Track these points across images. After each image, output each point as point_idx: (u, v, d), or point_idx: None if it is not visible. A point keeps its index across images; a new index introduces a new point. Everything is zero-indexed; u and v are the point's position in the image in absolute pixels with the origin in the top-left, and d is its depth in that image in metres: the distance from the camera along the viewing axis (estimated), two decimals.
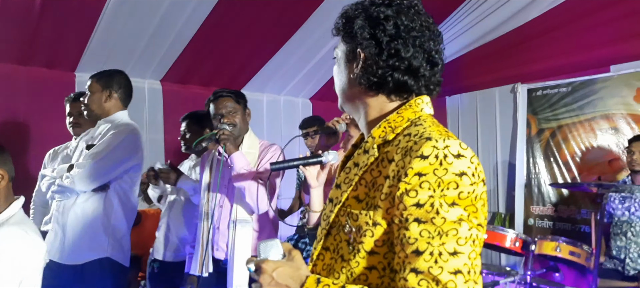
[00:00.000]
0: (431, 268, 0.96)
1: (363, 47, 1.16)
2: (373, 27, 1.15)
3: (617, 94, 4.25)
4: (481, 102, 5.30)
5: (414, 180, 1.00)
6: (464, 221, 0.98)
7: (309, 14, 4.02)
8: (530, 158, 4.87)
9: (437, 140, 1.02)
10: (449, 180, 0.99)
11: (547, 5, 3.98)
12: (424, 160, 1.01)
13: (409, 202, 1.00)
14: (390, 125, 1.14)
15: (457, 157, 1.01)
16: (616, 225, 3.59)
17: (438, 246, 0.96)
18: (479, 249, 1.00)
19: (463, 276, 0.95)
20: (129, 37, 3.86)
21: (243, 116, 2.78)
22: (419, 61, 1.14)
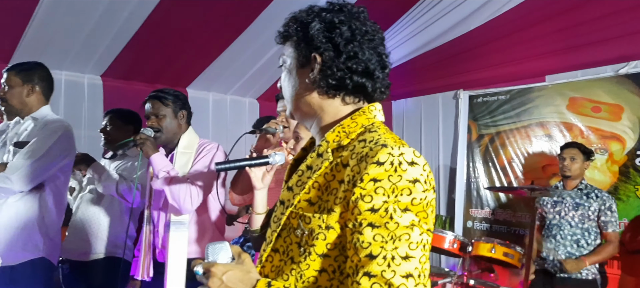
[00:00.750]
0: (384, 271, 0.99)
1: (321, 51, 1.17)
2: (329, 30, 1.17)
3: (551, 102, 4.46)
4: (425, 107, 5.43)
5: (369, 186, 1.03)
6: (415, 226, 1.01)
7: (258, 13, 4.00)
8: (470, 162, 5.04)
9: (393, 148, 1.05)
10: (403, 186, 1.02)
11: (488, 16, 4.14)
12: (379, 167, 1.03)
13: (363, 206, 1.03)
14: (345, 130, 1.16)
15: (411, 164, 1.04)
16: (547, 228, 3.76)
17: (391, 250, 0.99)
18: (428, 253, 1.04)
19: (414, 279, 0.99)
20: (68, 29, 3.72)
21: (174, 118, 2.74)
22: (374, 64, 1.18)
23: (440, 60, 4.73)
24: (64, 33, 3.75)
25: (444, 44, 4.52)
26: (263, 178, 2.00)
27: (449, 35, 4.44)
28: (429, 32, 4.49)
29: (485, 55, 4.58)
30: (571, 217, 3.63)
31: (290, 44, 1.22)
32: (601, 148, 4.10)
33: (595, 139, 4.15)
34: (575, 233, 3.59)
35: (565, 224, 3.64)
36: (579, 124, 4.27)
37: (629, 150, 3.95)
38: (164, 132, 2.72)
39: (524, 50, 4.34)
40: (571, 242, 3.60)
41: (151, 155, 2.59)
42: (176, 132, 2.76)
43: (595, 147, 4.08)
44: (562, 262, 3.50)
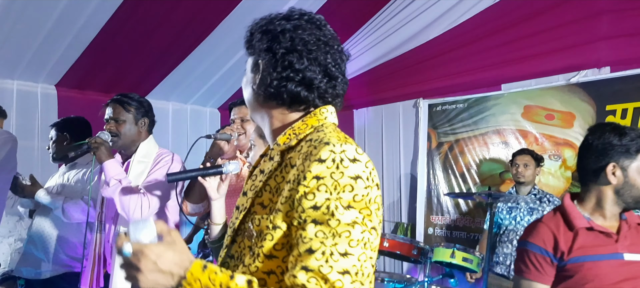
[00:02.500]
0: (321, 266, 0.98)
1: (261, 59, 1.20)
2: (270, 40, 1.18)
3: (507, 110, 4.58)
4: (386, 116, 5.49)
5: (312, 183, 1.03)
6: (357, 224, 1.02)
7: (218, 21, 3.97)
8: (430, 170, 5.11)
9: (335, 145, 1.06)
10: (345, 183, 1.03)
11: (446, 26, 4.24)
12: (321, 164, 1.04)
13: (306, 204, 1.03)
14: (295, 132, 1.18)
15: (353, 161, 1.05)
16: (504, 234, 3.84)
17: (330, 246, 1.00)
18: (370, 252, 1.03)
19: (350, 276, 0.99)
20: (20, 37, 3.60)
21: (134, 124, 2.66)
22: (314, 73, 1.17)
23: (399, 69, 4.80)
24: (16, 41, 3.63)
25: (403, 53, 4.60)
26: (218, 188, 1.98)
27: (408, 45, 4.52)
28: (389, 42, 4.56)
29: (444, 65, 4.67)
30: (526, 222, 3.72)
31: (246, 51, 1.26)
32: (555, 155, 4.23)
33: (549, 145, 4.28)
34: None
35: (520, 229, 3.73)
36: (534, 131, 4.40)
37: None
38: (122, 138, 2.62)
39: (481, 60, 4.45)
40: None
41: (104, 161, 2.48)
42: (135, 140, 2.66)
43: (549, 154, 4.21)
44: None
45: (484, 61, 4.44)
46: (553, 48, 4.08)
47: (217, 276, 1.00)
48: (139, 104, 2.71)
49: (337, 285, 0.97)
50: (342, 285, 0.98)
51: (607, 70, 4.03)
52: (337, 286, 0.97)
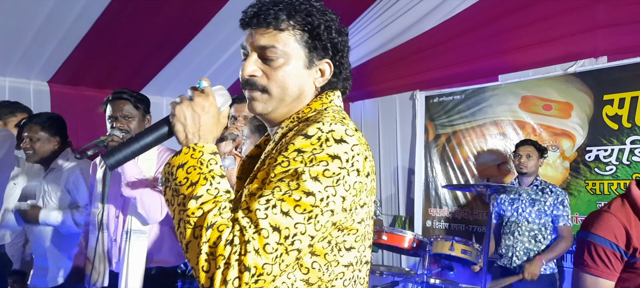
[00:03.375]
0: (258, 210, 0.97)
1: (335, 59, 1.20)
2: (342, 40, 1.21)
3: (504, 101, 4.56)
4: (382, 109, 5.47)
5: (292, 155, 1.02)
6: (312, 196, 1.00)
7: (213, 14, 3.92)
8: (428, 162, 5.09)
9: (324, 124, 1.05)
10: (321, 158, 1.02)
11: (442, 17, 4.20)
12: (306, 139, 1.03)
13: (278, 169, 1.02)
14: (299, 116, 1.17)
15: (339, 141, 1.04)
16: (505, 225, 3.82)
17: (277, 199, 0.98)
18: (311, 229, 1.00)
19: (279, 235, 0.97)
20: (11, 33, 3.55)
21: (141, 122, 2.64)
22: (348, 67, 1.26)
23: (396, 61, 4.76)
24: (7, 37, 3.58)
25: (399, 45, 4.56)
26: None
27: (404, 37, 4.48)
28: (384, 33, 4.51)
29: (440, 56, 4.64)
30: (528, 213, 3.70)
31: (295, 40, 1.16)
32: (553, 145, 4.22)
33: (546, 136, 4.26)
34: (532, 229, 3.67)
35: (522, 221, 3.71)
36: (531, 121, 4.38)
37: (579, 146, 4.07)
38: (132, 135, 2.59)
39: (477, 50, 4.42)
40: (529, 238, 3.67)
41: None
42: None
43: (547, 144, 4.19)
44: (524, 271, 3.52)
45: (481, 52, 4.41)
46: (550, 37, 4.05)
47: (204, 168, 1.05)
48: (145, 100, 2.72)
49: (263, 234, 0.96)
50: (267, 237, 0.96)
51: (605, 60, 4.01)
52: (262, 235, 0.95)
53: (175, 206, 1.03)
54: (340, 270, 1.10)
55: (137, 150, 1.14)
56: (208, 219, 0.98)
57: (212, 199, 1.01)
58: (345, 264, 1.11)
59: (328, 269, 1.09)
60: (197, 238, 0.97)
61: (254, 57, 1.17)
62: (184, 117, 1.10)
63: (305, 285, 1.07)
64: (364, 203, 1.11)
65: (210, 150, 1.08)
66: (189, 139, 1.10)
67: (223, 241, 0.95)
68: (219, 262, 0.94)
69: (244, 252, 0.94)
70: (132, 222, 2.56)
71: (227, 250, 0.94)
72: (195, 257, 0.97)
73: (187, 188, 1.02)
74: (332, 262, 1.09)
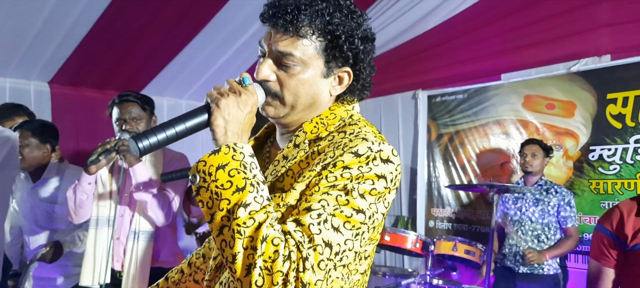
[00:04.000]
0: (312, 225, 0.95)
1: (355, 68, 1.15)
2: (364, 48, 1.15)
3: (507, 100, 4.53)
4: (384, 108, 5.44)
5: (339, 171, 1.01)
6: (362, 214, 0.99)
7: (213, 14, 3.89)
8: (430, 162, 5.06)
9: (373, 143, 1.04)
10: (369, 176, 1.01)
11: (444, 16, 4.17)
12: (356, 157, 1.02)
13: (324, 183, 1.01)
14: (323, 122, 1.14)
15: (386, 161, 1.04)
16: (509, 225, 3.80)
17: (328, 214, 0.97)
18: (357, 245, 1.00)
19: (330, 251, 0.96)
20: (11, 34, 3.53)
21: (149, 123, 2.66)
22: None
23: (398, 60, 4.74)
24: (7, 38, 3.57)
25: (401, 44, 4.54)
26: None
27: (406, 36, 4.46)
28: (386, 32, 4.49)
29: (443, 55, 4.62)
30: (532, 212, 3.68)
31: (314, 48, 1.11)
32: (556, 145, 4.19)
33: (550, 135, 4.24)
34: (536, 229, 3.65)
35: (526, 220, 3.69)
36: (535, 121, 4.35)
37: (582, 145, 4.05)
38: None
39: (480, 50, 4.40)
40: (532, 237, 3.65)
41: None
42: None
43: (550, 144, 4.16)
44: (525, 251, 3.52)
45: (483, 51, 4.39)
46: (553, 36, 4.03)
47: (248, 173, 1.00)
48: (150, 101, 2.72)
49: (318, 249, 0.94)
50: (321, 253, 0.94)
51: (608, 58, 3.99)
52: (317, 251, 0.94)
53: (216, 210, 0.97)
54: (357, 278, 1.12)
55: (172, 137, 1.06)
56: (262, 232, 0.93)
57: (262, 209, 0.97)
58: (362, 272, 1.13)
59: (349, 278, 1.10)
60: (247, 249, 0.93)
61: (270, 61, 1.13)
62: (228, 113, 1.04)
63: None
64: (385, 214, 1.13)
65: (250, 153, 1.03)
66: (228, 137, 1.04)
67: (281, 257, 0.92)
68: (277, 278, 0.91)
69: (302, 269, 0.92)
70: (140, 223, 2.59)
71: (286, 266, 0.92)
72: (244, 270, 0.93)
73: (233, 193, 0.96)
74: (352, 271, 1.10)
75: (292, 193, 1.04)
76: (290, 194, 1.05)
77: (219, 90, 1.07)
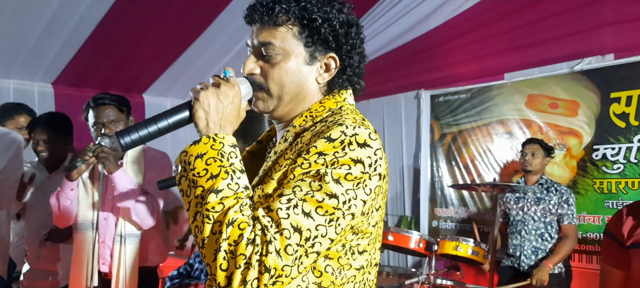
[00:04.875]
0: (280, 210, 0.95)
1: (340, 54, 1.15)
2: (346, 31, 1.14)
3: (510, 100, 4.52)
4: (387, 108, 5.44)
5: (313, 157, 1.00)
6: (335, 199, 0.98)
7: (215, 15, 3.90)
8: (433, 162, 5.06)
9: (348, 127, 1.02)
10: (344, 161, 1.00)
11: (446, 16, 4.16)
12: (329, 143, 1.01)
13: (298, 171, 1.00)
14: (312, 114, 1.14)
15: (362, 146, 1.01)
16: (512, 224, 3.80)
17: (299, 199, 0.96)
18: (332, 232, 0.99)
19: (300, 236, 0.95)
20: (15, 35, 3.55)
21: (126, 125, 2.61)
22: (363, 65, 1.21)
23: (400, 60, 4.73)
24: (11, 39, 3.59)
25: (404, 44, 4.53)
26: None
27: (408, 36, 4.45)
28: (389, 32, 4.48)
29: (445, 55, 4.61)
30: (534, 211, 3.68)
31: (292, 35, 1.13)
32: (559, 144, 4.18)
33: (553, 134, 4.23)
34: (538, 228, 3.65)
35: (528, 219, 3.69)
36: (538, 120, 4.34)
37: (586, 144, 4.04)
38: None
39: (483, 49, 4.39)
40: (536, 236, 3.65)
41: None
42: None
43: (553, 143, 4.16)
44: (532, 276, 3.49)
45: (486, 50, 4.38)
46: (556, 35, 4.01)
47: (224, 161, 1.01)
48: (126, 102, 2.68)
49: (285, 234, 0.94)
50: (288, 237, 0.94)
51: (611, 57, 3.98)
52: (284, 235, 0.93)
53: (192, 198, 0.99)
54: (352, 273, 1.08)
55: (154, 133, 1.08)
56: (229, 216, 0.94)
57: (233, 195, 0.97)
58: (357, 267, 1.09)
59: (341, 273, 1.07)
60: (216, 234, 0.94)
61: (253, 56, 1.16)
62: (208, 105, 1.06)
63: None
64: (379, 207, 1.10)
65: (230, 143, 1.04)
66: (210, 128, 1.05)
67: (245, 240, 0.92)
68: (240, 262, 0.92)
69: (266, 253, 0.92)
70: (126, 226, 2.57)
71: (249, 249, 0.92)
72: (212, 254, 0.94)
73: (207, 180, 0.98)
74: (345, 266, 1.07)
75: (271, 183, 1.04)
76: (270, 184, 1.04)
77: (201, 85, 1.09)
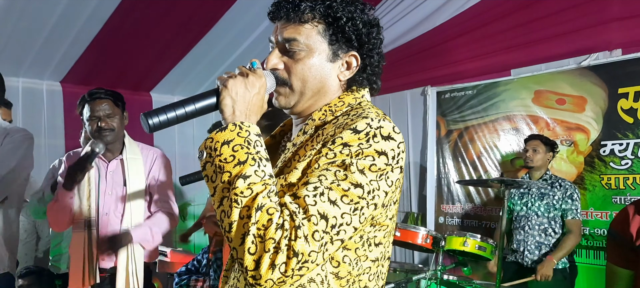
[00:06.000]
0: (307, 197, 0.97)
1: (361, 52, 1.17)
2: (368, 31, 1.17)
3: (517, 96, 4.51)
4: (394, 105, 5.44)
5: (338, 148, 1.02)
6: (360, 188, 1.00)
7: (222, 12, 3.92)
8: (440, 158, 5.06)
9: (373, 119, 1.05)
10: (369, 153, 1.02)
11: (452, 12, 4.16)
12: (354, 134, 1.03)
13: (324, 160, 1.02)
14: (331, 108, 1.16)
15: (386, 138, 1.04)
16: (516, 220, 3.80)
17: (325, 187, 0.98)
18: (356, 220, 1.00)
19: (326, 223, 0.97)
20: (23, 34, 3.59)
21: (122, 119, 2.65)
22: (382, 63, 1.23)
23: (406, 57, 4.73)
24: (20, 38, 3.62)
25: (410, 40, 4.53)
26: None
27: (414, 32, 4.45)
28: (395, 29, 4.49)
29: (451, 51, 4.61)
30: (537, 207, 3.68)
31: (317, 32, 1.15)
32: (566, 140, 4.17)
33: (560, 130, 4.22)
34: (542, 223, 3.65)
35: (532, 214, 3.69)
36: (545, 116, 4.33)
37: (593, 140, 4.03)
38: (115, 135, 2.62)
39: (489, 45, 4.38)
40: (539, 232, 3.65)
41: None
42: (120, 136, 2.68)
43: (561, 139, 4.14)
44: (536, 272, 3.50)
45: (493, 46, 4.37)
46: (563, 31, 4.00)
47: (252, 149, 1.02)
48: (121, 97, 2.69)
49: (312, 220, 0.95)
50: (315, 224, 0.95)
51: (619, 53, 3.96)
52: (311, 221, 0.95)
53: (218, 183, 1.00)
54: (367, 265, 1.10)
55: (182, 117, 1.08)
56: (258, 201, 0.95)
57: (260, 181, 0.99)
58: (372, 259, 1.11)
59: (357, 263, 1.09)
60: (244, 218, 0.95)
61: (277, 51, 1.18)
62: (235, 93, 1.07)
63: (334, 278, 1.07)
64: (396, 200, 1.13)
65: (256, 132, 1.05)
66: (236, 116, 1.07)
67: (274, 224, 0.94)
68: (269, 246, 0.93)
69: (294, 238, 0.93)
70: (132, 221, 2.61)
71: (278, 234, 0.93)
72: (240, 238, 0.95)
73: (234, 166, 0.99)
74: (361, 257, 1.09)
75: (294, 173, 1.06)
76: (293, 173, 1.06)
77: (228, 74, 1.11)
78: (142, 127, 1.08)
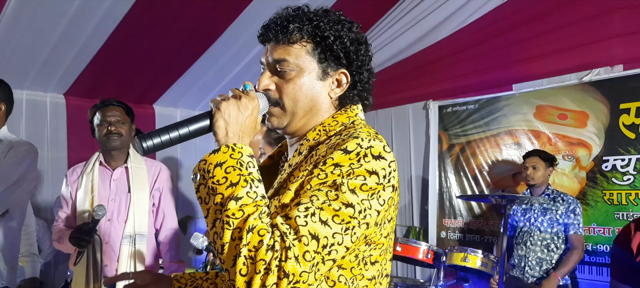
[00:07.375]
0: (298, 218, 0.98)
1: (350, 70, 1.19)
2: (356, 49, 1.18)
3: (519, 111, 4.51)
4: (396, 119, 5.44)
5: (329, 168, 1.03)
6: (351, 208, 1.01)
7: (225, 27, 3.95)
8: (441, 172, 5.05)
9: (363, 139, 1.06)
10: (359, 172, 1.03)
11: (454, 27, 4.19)
12: (345, 154, 1.04)
13: (315, 181, 1.03)
14: (325, 128, 1.17)
15: (377, 158, 1.05)
16: (518, 235, 3.79)
17: (316, 207, 0.99)
18: (348, 240, 1.01)
19: (317, 243, 0.97)
20: (29, 47, 3.61)
21: (130, 129, 2.73)
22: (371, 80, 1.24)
23: (409, 71, 4.75)
24: (25, 51, 3.64)
25: (412, 55, 4.56)
26: None
27: (417, 47, 4.48)
28: (397, 43, 4.51)
29: (453, 66, 4.62)
30: (540, 222, 3.67)
31: (306, 52, 1.17)
32: (568, 155, 4.16)
33: (562, 145, 4.21)
34: (544, 238, 3.64)
35: (535, 230, 3.68)
36: (547, 131, 4.33)
37: (595, 156, 4.02)
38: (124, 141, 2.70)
39: (491, 60, 4.40)
40: (541, 247, 3.63)
41: None
42: (127, 144, 2.75)
43: (562, 154, 4.14)
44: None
45: (495, 61, 4.39)
46: (565, 46, 4.02)
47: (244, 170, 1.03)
48: (132, 111, 2.78)
49: (303, 241, 0.96)
50: (306, 244, 0.96)
51: (620, 68, 3.96)
52: (302, 242, 0.96)
53: (211, 205, 1.01)
54: (364, 284, 1.11)
55: (175, 139, 1.11)
56: (249, 222, 0.96)
57: (252, 202, 1.00)
58: (369, 278, 1.12)
59: (353, 282, 1.09)
60: (235, 240, 0.96)
61: (268, 72, 1.19)
62: (228, 115, 1.09)
63: None
64: (391, 218, 1.13)
65: (248, 153, 1.07)
66: (229, 138, 1.08)
67: (264, 246, 0.95)
68: (260, 267, 0.94)
69: (285, 258, 0.94)
70: (136, 227, 2.64)
71: (269, 255, 0.94)
72: (232, 259, 0.96)
73: (226, 188, 1.00)
74: (357, 276, 1.10)
75: (287, 194, 1.07)
76: (286, 194, 1.07)
77: (222, 97, 1.13)
78: None
